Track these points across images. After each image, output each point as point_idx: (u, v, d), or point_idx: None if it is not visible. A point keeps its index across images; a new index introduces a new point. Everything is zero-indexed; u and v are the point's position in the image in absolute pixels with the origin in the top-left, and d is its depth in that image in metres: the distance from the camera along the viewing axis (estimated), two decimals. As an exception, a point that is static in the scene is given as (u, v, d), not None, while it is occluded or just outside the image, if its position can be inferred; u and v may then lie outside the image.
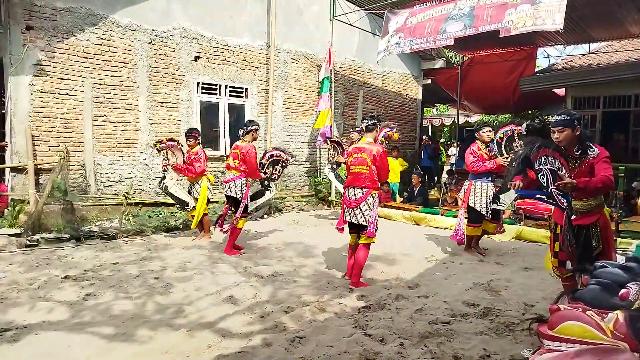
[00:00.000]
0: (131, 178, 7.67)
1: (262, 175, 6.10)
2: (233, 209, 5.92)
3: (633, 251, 5.28)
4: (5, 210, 6.64)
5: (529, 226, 7.03)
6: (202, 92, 8.59)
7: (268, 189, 6.25)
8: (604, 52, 11.68)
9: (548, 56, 13.99)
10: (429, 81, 13.64)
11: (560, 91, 12.09)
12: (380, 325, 3.51)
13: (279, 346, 3.14)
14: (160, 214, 7.65)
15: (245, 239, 6.71)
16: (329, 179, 7.81)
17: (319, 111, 9.71)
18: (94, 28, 7.11)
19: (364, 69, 11.63)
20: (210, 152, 8.71)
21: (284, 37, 9.70)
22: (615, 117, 10.88)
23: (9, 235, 5.95)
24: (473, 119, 17.57)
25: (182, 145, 6.46)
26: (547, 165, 2.90)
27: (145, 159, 7.84)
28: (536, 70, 12.41)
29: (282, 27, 9.59)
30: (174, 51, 8.06)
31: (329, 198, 10.17)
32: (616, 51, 11.33)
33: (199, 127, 8.55)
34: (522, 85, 10.77)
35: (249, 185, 5.87)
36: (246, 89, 9.26)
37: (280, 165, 6.32)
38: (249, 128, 5.86)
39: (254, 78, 9.33)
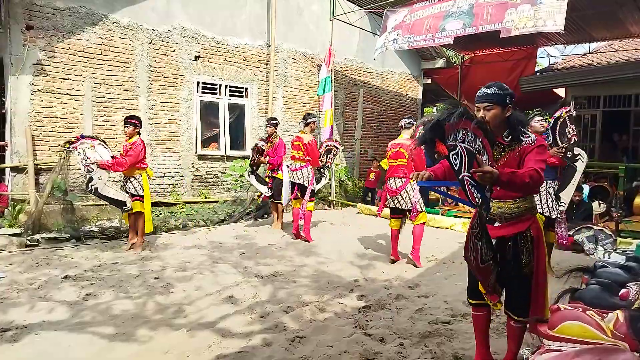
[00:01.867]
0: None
1: (320, 164, 6.68)
2: (300, 195, 6.52)
3: (633, 251, 5.28)
4: (5, 210, 6.64)
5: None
6: (202, 92, 8.59)
7: (323, 176, 6.89)
8: (604, 52, 11.67)
9: (548, 56, 13.99)
10: (429, 81, 13.63)
11: (561, 91, 12.09)
12: (380, 325, 3.51)
13: (279, 346, 3.14)
14: (160, 214, 7.65)
15: (246, 238, 6.71)
16: (251, 183, 7.39)
17: (325, 111, 9.71)
18: (94, 28, 7.11)
19: (364, 68, 11.63)
20: (210, 152, 8.72)
21: (284, 37, 9.69)
22: (615, 117, 10.88)
23: (9, 235, 5.95)
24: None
25: (101, 141, 5.74)
26: (464, 142, 2.11)
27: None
28: (536, 69, 12.40)
29: (282, 26, 9.59)
30: (174, 51, 8.06)
31: (329, 198, 10.17)
32: (616, 51, 11.32)
33: (199, 127, 8.57)
34: (523, 85, 10.76)
35: (313, 173, 6.47)
36: (246, 89, 9.26)
37: (332, 154, 6.96)
38: (308, 120, 6.49)
39: (254, 78, 9.32)
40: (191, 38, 8.27)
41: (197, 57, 8.39)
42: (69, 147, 5.54)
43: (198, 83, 8.48)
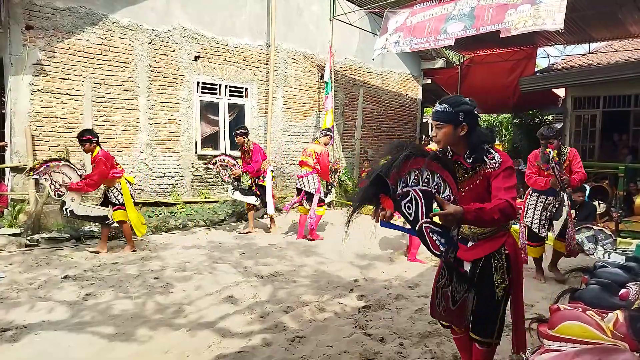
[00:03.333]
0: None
1: (330, 180, 7.02)
2: (306, 201, 6.71)
3: (633, 251, 5.29)
4: (5, 210, 6.63)
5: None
6: (202, 92, 8.59)
7: (329, 193, 7.19)
8: (604, 52, 11.68)
9: (548, 56, 14.00)
10: (429, 81, 13.63)
11: (561, 91, 12.09)
12: (380, 325, 3.51)
13: (279, 346, 3.14)
14: (160, 214, 7.65)
15: (246, 238, 6.71)
16: (237, 200, 7.26)
17: (327, 110, 9.72)
18: (94, 28, 7.11)
19: (364, 68, 11.63)
20: (210, 152, 8.71)
21: (284, 37, 9.69)
22: (615, 117, 10.89)
23: (9, 235, 5.95)
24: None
25: (66, 162, 5.59)
26: (418, 184, 1.86)
27: (145, 158, 7.83)
28: (536, 70, 12.41)
29: (282, 26, 9.59)
30: (174, 51, 8.06)
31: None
32: (616, 51, 11.33)
33: (199, 127, 8.56)
34: (522, 85, 10.77)
35: (319, 180, 6.67)
36: (246, 89, 9.25)
37: (336, 173, 7.37)
38: (327, 133, 6.97)
39: (254, 78, 9.32)
40: (191, 38, 8.26)
41: (197, 57, 8.39)
42: (32, 175, 5.39)
43: (198, 83, 8.47)
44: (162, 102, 7.98)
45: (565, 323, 1.53)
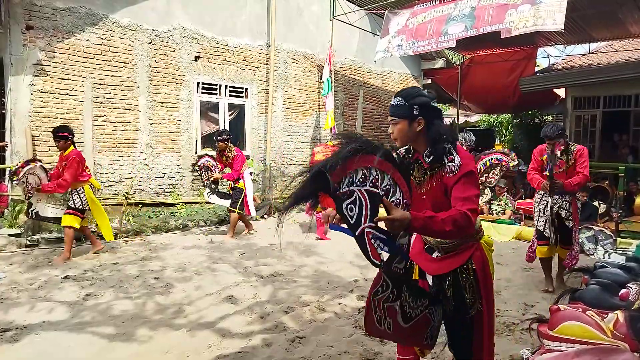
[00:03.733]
0: (131, 178, 7.66)
1: None
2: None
3: (633, 251, 5.29)
4: (5, 210, 6.64)
5: (529, 226, 7.03)
6: (202, 92, 8.59)
7: None
8: (604, 52, 11.68)
9: (548, 56, 13.99)
10: (429, 81, 13.63)
11: (561, 91, 12.09)
12: (380, 325, 3.51)
13: (279, 346, 3.14)
14: (160, 214, 7.65)
15: (246, 238, 6.71)
16: (214, 203, 7.15)
17: (328, 110, 9.72)
18: (94, 28, 7.11)
19: (364, 69, 11.63)
20: (210, 153, 8.71)
21: (284, 37, 9.69)
22: (615, 117, 10.89)
23: (9, 235, 5.95)
24: (473, 118, 17.55)
25: (40, 163, 5.44)
26: (365, 184, 1.65)
27: (145, 158, 7.84)
28: (536, 70, 12.41)
29: (282, 27, 9.59)
30: (174, 51, 8.06)
31: (329, 198, 10.16)
32: (616, 51, 11.33)
33: (199, 127, 8.56)
34: (522, 85, 10.77)
35: None
36: (246, 89, 9.26)
37: None
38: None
39: (254, 78, 9.32)
40: (191, 38, 8.27)
41: (197, 58, 8.39)
42: (16, 180, 5.13)
43: (198, 83, 8.47)
44: (162, 103, 7.98)
45: (566, 323, 1.53)
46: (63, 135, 5.26)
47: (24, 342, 3.19)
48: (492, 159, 5.77)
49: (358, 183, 1.63)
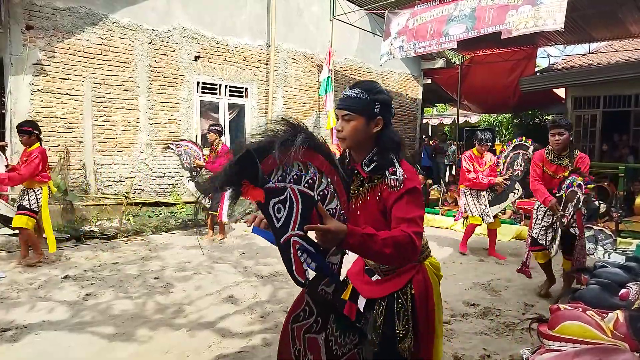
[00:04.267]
0: (131, 178, 7.66)
1: None
2: None
3: (633, 251, 5.29)
4: (5, 210, 6.62)
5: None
6: (202, 92, 8.59)
7: None
8: (604, 52, 11.68)
9: (548, 56, 13.99)
10: (429, 81, 13.64)
11: (561, 91, 12.09)
12: (380, 325, 3.51)
13: (279, 346, 3.14)
14: (160, 214, 7.65)
15: (246, 238, 6.71)
16: (191, 190, 6.66)
17: (328, 111, 9.73)
18: (94, 28, 7.11)
19: (364, 69, 11.63)
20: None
21: (284, 37, 9.69)
22: (615, 117, 10.89)
23: (9, 235, 5.94)
24: (473, 118, 17.56)
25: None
26: (300, 184, 1.41)
27: (145, 158, 7.84)
28: (536, 70, 12.41)
29: (282, 26, 9.59)
30: (174, 51, 8.06)
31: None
32: (616, 51, 11.33)
33: (199, 127, 8.56)
34: (523, 85, 10.78)
35: None
36: (246, 89, 9.26)
37: None
38: None
39: (254, 78, 9.32)
40: (191, 38, 8.26)
41: (197, 57, 8.39)
42: None
43: (198, 83, 8.47)
44: (162, 102, 7.98)
45: (566, 323, 1.53)
46: (26, 130, 4.93)
47: (24, 341, 3.19)
48: (510, 153, 5.79)
49: (292, 180, 1.37)
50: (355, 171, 1.74)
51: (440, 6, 7.94)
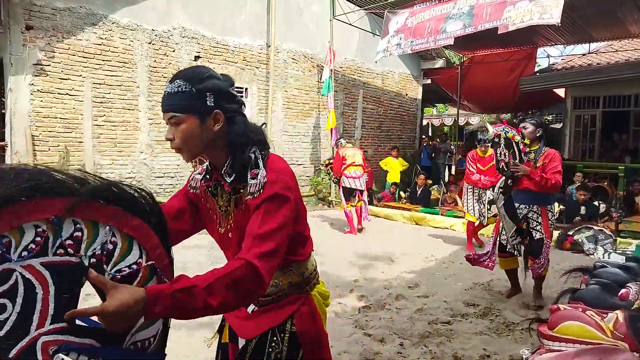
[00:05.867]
0: (131, 178, 7.66)
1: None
2: (360, 196, 7.20)
3: (633, 251, 5.29)
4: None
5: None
6: (202, 92, 8.58)
7: None
8: (604, 52, 11.68)
9: (548, 56, 14.00)
10: (429, 81, 13.64)
11: (561, 91, 12.10)
12: (380, 325, 3.51)
13: (279, 346, 3.13)
14: (160, 214, 7.64)
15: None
16: None
17: (329, 110, 9.73)
18: (94, 28, 7.11)
19: (364, 69, 11.63)
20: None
21: (284, 37, 9.69)
22: (615, 117, 10.89)
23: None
24: (473, 119, 17.56)
25: None
26: (43, 254, 0.93)
27: (145, 158, 7.84)
28: (536, 70, 12.42)
29: (282, 26, 9.59)
30: (173, 51, 8.06)
31: (329, 198, 10.17)
32: (616, 51, 11.34)
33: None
34: (522, 85, 10.78)
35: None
36: (246, 89, 9.25)
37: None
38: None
39: (254, 78, 9.32)
40: (191, 38, 8.27)
41: (196, 57, 8.39)
42: None
43: (198, 83, 8.47)
44: (162, 102, 7.98)
45: (565, 323, 1.53)
46: None
47: (24, 342, 3.18)
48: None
49: (23, 255, 0.90)
50: (220, 183, 1.37)
51: (439, 5, 7.96)
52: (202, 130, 1.27)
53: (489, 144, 5.71)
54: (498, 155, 3.86)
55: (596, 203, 7.56)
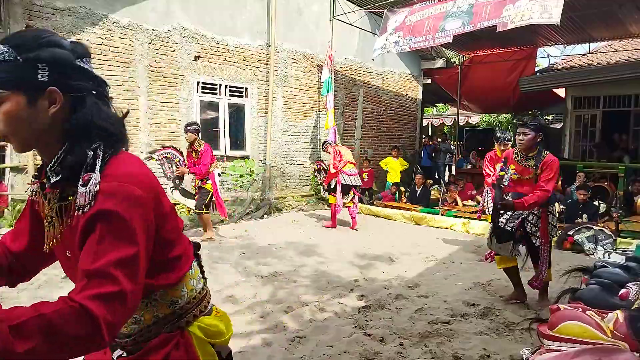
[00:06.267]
0: (131, 178, 7.66)
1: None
2: (357, 194, 7.57)
3: (633, 251, 5.29)
4: (5, 210, 6.63)
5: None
6: (202, 92, 8.59)
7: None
8: (604, 52, 11.68)
9: (548, 56, 13.99)
10: (429, 81, 13.64)
11: (561, 91, 12.10)
12: (380, 325, 3.51)
13: (279, 346, 3.14)
14: (160, 214, 7.63)
15: (246, 238, 6.72)
16: (177, 200, 6.62)
17: (328, 110, 9.73)
18: (94, 28, 7.11)
19: (364, 68, 11.63)
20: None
21: (284, 37, 9.69)
22: (615, 117, 10.89)
23: None
24: (473, 118, 17.57)
25: None
26: None
27: (145, 158, 7.83)
28: (536, 69, 12.42)
29: (282, 26, 9.59)
30: (174, 51, 8.06)
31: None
32: (616, 51, 11.34)
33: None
34: (522, 85, 10.78)
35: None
36: (246, 89, 9.25)
37: (322, 174, 8.02)
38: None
39: (254, 78, 9.32)
40: (191, 38, 8.26)
41: (197, 57, 8.38)
42: None
43: (198, 83, 8.47)
44: (162, 102, 7.98)
45: (565, 323, 1.53)
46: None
47: (24, 341, 3.19)
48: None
49: None
50: (45, 185, 1.08)
51: (439, 4, 7.95)
52: (31, 113, 0.97)
53: (509, 143, 5.63)
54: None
55: (596, 203, 7.56)
